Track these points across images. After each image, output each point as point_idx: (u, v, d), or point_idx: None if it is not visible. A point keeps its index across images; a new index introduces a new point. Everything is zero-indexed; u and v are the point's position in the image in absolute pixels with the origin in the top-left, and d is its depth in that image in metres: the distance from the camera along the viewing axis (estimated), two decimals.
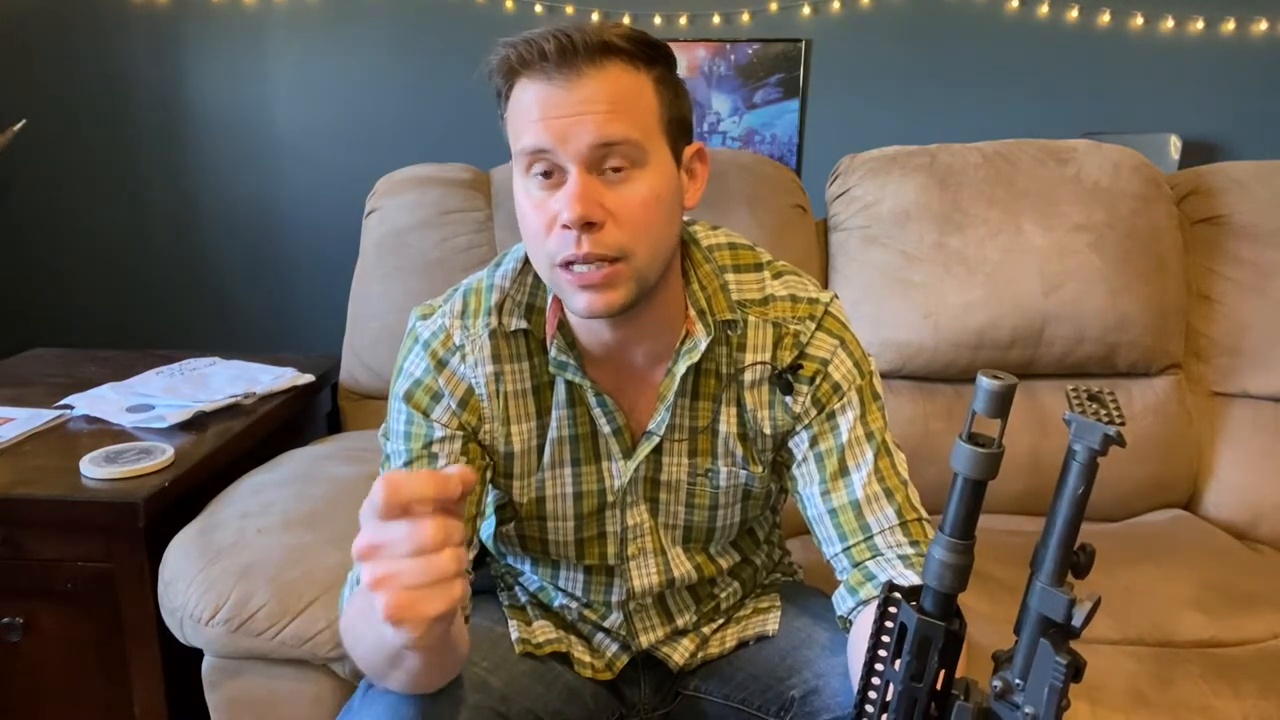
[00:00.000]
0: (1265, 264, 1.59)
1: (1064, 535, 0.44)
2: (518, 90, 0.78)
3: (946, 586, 0.48)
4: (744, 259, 0.93)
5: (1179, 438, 1.60)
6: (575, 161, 0.75)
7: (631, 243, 0.77)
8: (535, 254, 0.81)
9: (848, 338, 0.92)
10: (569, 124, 0.75)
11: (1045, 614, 0.44)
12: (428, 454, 0.88)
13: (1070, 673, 0.44)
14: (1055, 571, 0.44)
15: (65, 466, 1.25)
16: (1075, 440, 0.42)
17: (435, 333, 0.89)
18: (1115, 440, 0.42)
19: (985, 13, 2.71)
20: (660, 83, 0.79)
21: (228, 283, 2.99)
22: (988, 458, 0.45)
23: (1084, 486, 0.43)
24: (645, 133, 0.77)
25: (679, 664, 1.00)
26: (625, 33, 0.77)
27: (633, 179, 0.77)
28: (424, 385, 0.88)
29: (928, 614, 0.48)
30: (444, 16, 2.76)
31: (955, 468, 0.46)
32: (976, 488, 0.46)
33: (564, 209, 0.75)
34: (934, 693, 0.49)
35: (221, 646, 1.12)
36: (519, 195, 0.80)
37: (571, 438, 0.91)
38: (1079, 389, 0.44)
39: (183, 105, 2.86)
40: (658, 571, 0.96)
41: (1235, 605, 1.29)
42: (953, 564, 0.47)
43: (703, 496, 0.93)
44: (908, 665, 0.48)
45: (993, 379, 0.44)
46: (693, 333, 0.87)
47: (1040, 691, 0.45)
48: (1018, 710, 0.46)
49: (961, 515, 0.47)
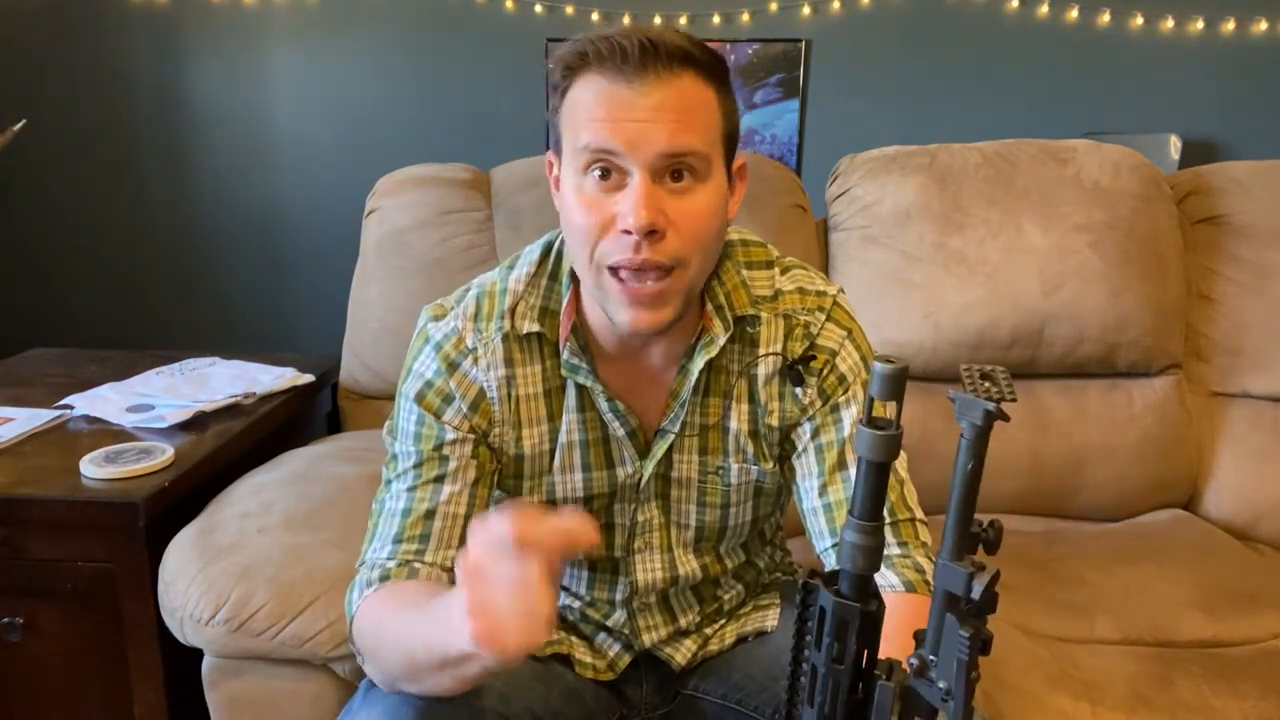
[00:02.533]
0: (1265, 264, 1.59)
1: (960, 511, 0.45)
2: (583, 85, 0.77)
3: (859, 568, 0.49)
4: (756, 255, 0.93)
5: (1179, 438, 1.60)
6: (642, 167, 0.75)
7: (688, 253, 0.78)
8: (580, 253, 0.80)
9: (855, 330, 0.92)
10: (640, 129, 0.74)
11: (948, 589, 0.46)
12: (438, 456, 0.87)
13: (975, 645, 0.45)
14: (954, 547, 0.46)
15: (65, 466, 1.25)
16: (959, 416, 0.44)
17: (448, 335, 0.89)
18: (996, 415, 0.43)
19: (985, 13, 2.71)
20: (723, 97, 0.80)
21: (228, 283, 2.99)
22: (886, 439, 0.47)
23: (973, 462, 0.45)
24: (710, 145, 0.78)
25: (681, 664, 1.00)
26: (700, 44, 0.77)
27: (694, 191, 0.77)
28: (435, 387, 0.88)
29: (844, 597, 0.49)
30: (445, 17, 2.76)
31: (858, 452, 0.48)
32: (880, 470, 0.48)
33: (629, 214, 0.75)
34: (856, 673, 0.50)
35: (221, 646, 1.12)
36: (569, 192, 0.79)
37: (582, 442, 0.91)
38: (972, 367, 0.46)
39: (183, 105, 2.86)
40: (663, 568, 0.96)
41: (1235, 605, 1.29)
42: (863, 545, 0.49)
43: (714, 495, 0.93)
44: (829, 648, 0.50)
45: (885, 363, 0.45)
46: (710, 329, 0.87)
47: (951, 666, 0.46)
48: (933, 685, 0.47)
49: (868, 498, 0.49)
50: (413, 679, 0.79)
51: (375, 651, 0.81)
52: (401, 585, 0.83)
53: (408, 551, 0.85)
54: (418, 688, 0.79)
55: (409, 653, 0.76)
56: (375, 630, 0.81)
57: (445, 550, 0.86)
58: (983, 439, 0.44)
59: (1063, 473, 1.58)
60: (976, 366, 0.46)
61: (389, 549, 0.85)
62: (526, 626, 0.61)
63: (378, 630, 0.81)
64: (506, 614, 0.61)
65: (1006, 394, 0.44)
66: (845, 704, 0.50)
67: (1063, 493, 1.59)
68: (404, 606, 0.79)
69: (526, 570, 0.61)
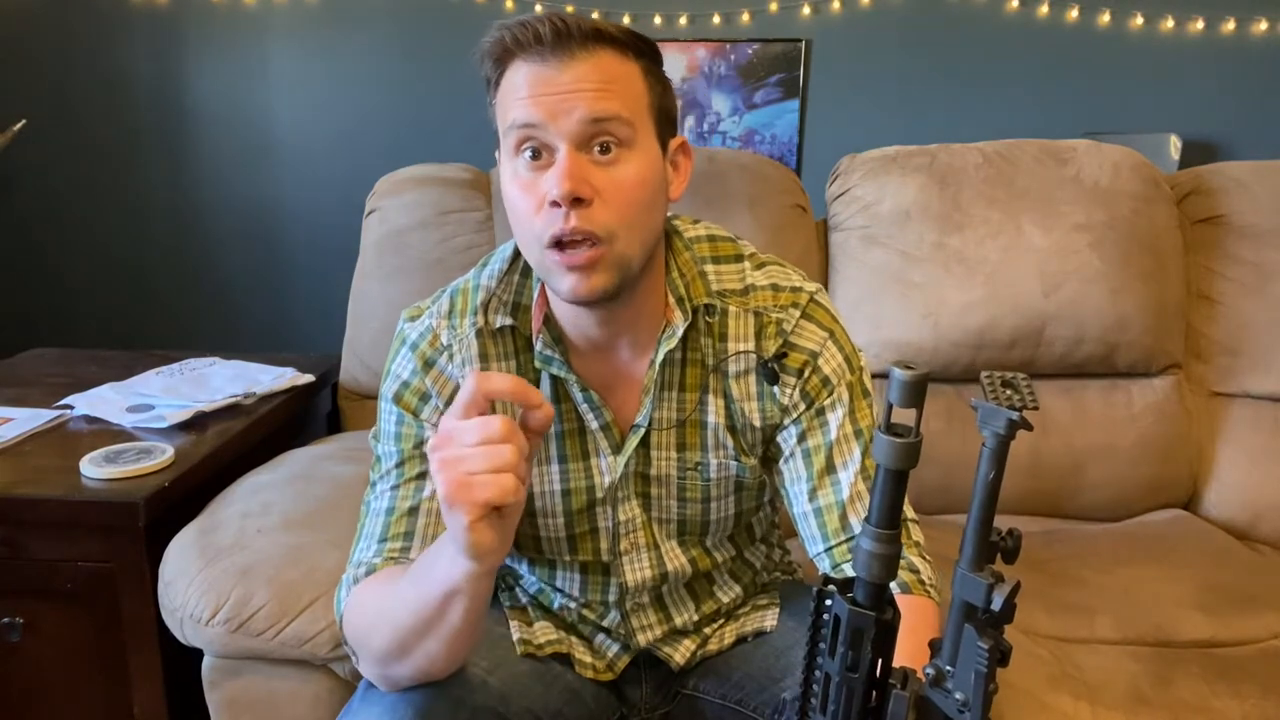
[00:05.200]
0: (1265, 264, 1.59)
1: (980, 521, 0.45)
2: (509, 73, 0.79)
3: (875, 576, 0.48)
4: (723, 250, 0.93)
5: (1179, 438, 1.60)
6: (565, 139, 0.76)
7: (617, 223, 0.78)
8: (524, 237, 0.82)
9: (837, 331, 0.91)
10: (560, 100, 0.76)
11: (967, 599, 0.45)
12: (419, 454, 0.88)
13: (994, 657, 0.45)
14: (974, 557, 0.45)
15: (65, 466, 1.25)
16: (982, 426, 0.43)
17: (423, 334, 0.90)
18: (1020, 424, 0.43)
19: (985, 13, 2.71)
20: (648, 73, 0.81)
21: (228, 283, 2.99)
22: (906, 447, 0.46)
23: (994, 471, 0.44)
24: (634, 114, 0.79)
25: (680, 664, 1.00)
26: (618, 26, 0.79)
27: (621, 160, 0.78)
28: (412, 387, 0.89)
29: (859, 605, 0.49)
30: (444, 16, 2.76)
31: (876, 459, 0.47)
32: (898, 478, 0.47)
33: (553, 185, 0.76)
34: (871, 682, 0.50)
35: (221, 646, 1.12)
36: (506, 180, 0.81)
37: (557, 434, 0.91)
38: (993, 375, 0.45)
39: (183, 105, 2.86)
40: (651, 566, 0.95)
41: (1235, 605, 1.29)
42: (880, 554, 0.48)
43: (694, 490, 0.93)
44: (843, 656, 0.49)
45: (905, 370, 0.45)
46: (671, 320, 0.87)
47: (968, 677, 0.45)
48: (949, 696, 0.47)
49: (886, 506, 0.48)
50: (403, 653, 0.79)
51: (365, 636, 0.82)
52: (382, 571, 0.84)
53: (393, 549, 0.85)
54: (410, 667, 0.80)
55: (396, 623, 0.77)
56: (362, 614, 0.82)
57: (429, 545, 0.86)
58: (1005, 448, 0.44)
59: (1063, 473, 1.58)
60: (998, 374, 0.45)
61: (375, 548, 0.86)
62: (493, 480, 0.65)
63: (364, 611, 0.82)
64: (473, 466, 0.65)
65: (1029, 402, 0.43)
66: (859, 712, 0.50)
67: (1063, 493, 1.59)
68: (386, 582, 0.81)
69: (488, 423, 0.65)
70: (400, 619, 0.77)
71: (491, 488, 0.65)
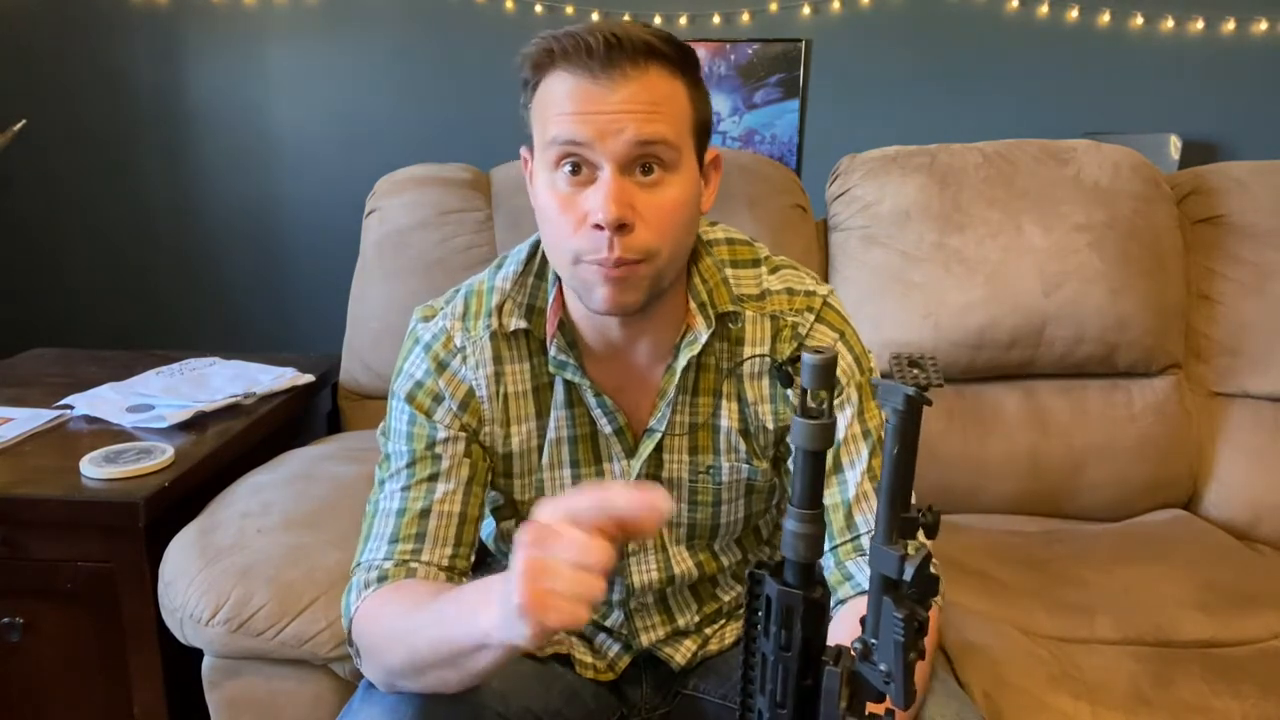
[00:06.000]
0: (1265, 264, 1.59)
1: (890, 495, 0.46)
2: (551, 81, 0.77)
3: (801, 556, 0.50)
4: (741, 254, 0.93)
5: (1179, 438, 1.60)
6: (610, 160, 0.76)
7: (656, 244, 0.78)
8: (556, 249, 0.81)
9: (848, 332, 0.92)
10: (609, 121, 0.75)
11: (883, 572, 0.47)
12: (431, 455, 0.88)
13: (911, 626, 0.46)
14: (886, 531, 0.47)
15: (65, 466, 1.25)
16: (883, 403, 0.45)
17: (436, 335, 0.90)
18: (917, 399, 0.44)
19: (985, 13, 2.71)
20: (692, 88, 0.80)
21: (228, 283, 2.99)
22: (820, 428, 0.48)
23: (897, 447, 0.45)
24: (679, 136, 0.78)
25: (681, 664, 1.00)
26: (665, 36, 0.77)
27: (664, 182, 0.78)
28: (425, 387, 0.89)
29: (788, 585, 0.50)
30: (444, 17, 2.76)
31: (793, 443, 0.49)
32: (816, 458, 0.49)
33: (598, 209, 0.75)
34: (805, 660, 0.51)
35: (221, 646, 1.12)
36: (542, 188, 0.80)
37: (570, 438, 0.91)
38: (901, 356, 0.47)
39: (183, 105, 2.86)
40: (658, 568, 0.96)
41: (1235, 605, 1.29)
42: (804, 534, 0.50)
43: (705, 493, 0.93)
44: (776, 636, 0.51)
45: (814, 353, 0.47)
46: (693, 326, 0.87)
47: (889, 648, 0.47)
48: (876, 668, 0.48)
49: (807, 487, 0.50)
50: (415, 675, 0.78)
51: (376, 649, 0.81)
52: (402, 584, 0.83)
53: (404, 551, 0.85)
54: (418, 684, 0.79)
55: (413, 649, 0.76)
56: (377, 629, 0.81)
57: (441, 549, 0.86)
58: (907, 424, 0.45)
59: (1063, 473, 1.58)
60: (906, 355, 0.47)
61: (385, 549, 0.85)
62: (570, 608, 0.59)
63: (380, 629, 0.81)
64: (559, 587, 0.59)
65: (934, 380, 0.45)
66: (795, 691, 0.51)
67: (1063, 493, 1.59)
68: (409, 604, 0.79)
69: (594, 549, 0.58)
70: (419, 649, 0.75)
71: (566, 616, 0.59)
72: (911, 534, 0.47)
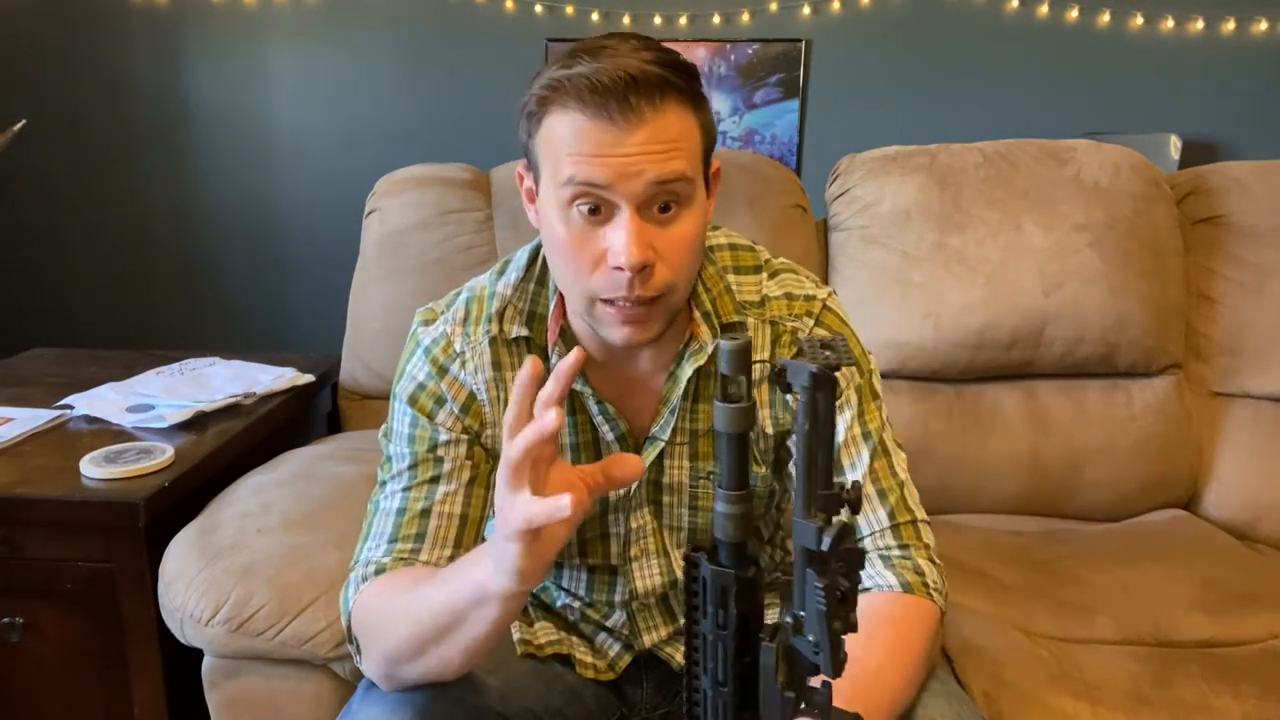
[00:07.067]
0: (1265, 264, 1.59)
1: (806, 470, 0.48)
2: (563, 118, 0.74)
3: (730, 535, 0.53)
4: (744, 260, 0.93)
5: (1179, 438, 1.60)
6: (628, 201, 0.74)
7: (674, 279, 0.78)
8: (571, 287, 0.80)
9: (847, 334, 0.92)
10: (628, 164, 0.73)
11: (802, 544, 0.49)
12: (433, 457, 0.88)
13: (833, 595, 0.48)
14: (804, 505, 0.48)
15: (65, 466, 1.25)
16: (792, 381, 0.47)
17: (436, 339, 0.90)
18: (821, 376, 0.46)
19: (985, 13, 2.71)
20: (699, 113, 0.79)
21: (228, 283, 2.99)
22: (740, 412, 0.50)
23: (808, 424, 0.47)
24: (694, 169, 0.77)
25: (682, 664, 1.00)
26: (673, 61, 0.75)
27: (680, 218, 0.77)
28: (427, 390, 0.89)
29: (721, 565, 0.52)
30: (444, 17, 2.76)
31: (717, 428, 0.51)
32: (739, 440, 0.52)
33: (620, 253, 0.74)
34: (743, 638, 0.53)
35: (221, 646, 1.12)
36: (554, 221, 0.78)
37: (572, 446, 0.91)
38: (814, 340, 0.49)
39: (183, 105, 2.86)
40: (660, 573, 0.96)
41: (1235, 605, 1.29)
42: (732, 514, 0.52)
43: (706, 499, 0.93)
44: (713, 616, 0.53)
45: (730, 340, 0.50)
46: (698, 335, 0.87)
47: (815, 618, 0.49)
48: (806, 640, 0.50)
49: (733, 468, 0.52)
50: (417, 655, 0.78)
51: (378, 631, 0.81)
52: (400, 570, 0.83)
53: (403, 550, 0.85)
54: (420, 667, 0.79)
55: (416, 620, 0.76)
56: (377, 611, 0.81)
57: (441, 549, 0.85)
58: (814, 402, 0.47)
59: (1063, 473, 1.58)
60: (819, 339, 0.50)
61: (384, 547, 0.85)
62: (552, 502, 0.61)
63: (380, 610, 0.81)
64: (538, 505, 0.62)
65: (844, 360, 0.47)
66: (735, 667, 0.53)
67: (1063, 493, 1.59)
68: (409, 584, 0.80)
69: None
70: (422, 618, 0.76)
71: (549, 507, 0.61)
72: (835, 509, 0.48)
